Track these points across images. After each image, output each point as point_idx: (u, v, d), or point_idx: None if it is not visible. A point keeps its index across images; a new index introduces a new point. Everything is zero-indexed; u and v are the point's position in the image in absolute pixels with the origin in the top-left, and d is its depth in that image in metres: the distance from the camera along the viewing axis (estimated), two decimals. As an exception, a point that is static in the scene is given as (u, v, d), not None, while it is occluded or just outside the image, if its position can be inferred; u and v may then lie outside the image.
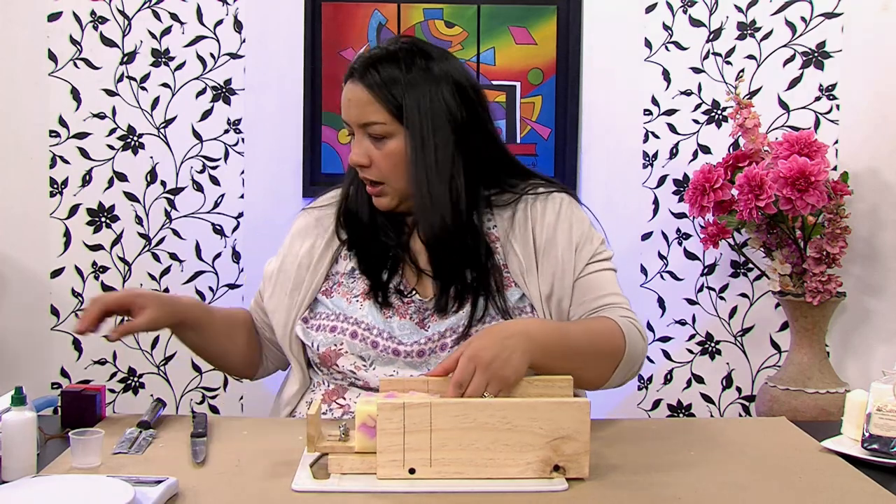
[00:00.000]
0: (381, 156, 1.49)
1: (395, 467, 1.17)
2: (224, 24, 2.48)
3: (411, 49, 1.52)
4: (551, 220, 1.55)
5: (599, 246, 1.58)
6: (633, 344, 1.46)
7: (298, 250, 1.61)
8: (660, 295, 2.51)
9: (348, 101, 1.51)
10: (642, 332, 1.50)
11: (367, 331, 1.49)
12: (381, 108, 1.48)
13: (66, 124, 2.48)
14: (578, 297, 1.53)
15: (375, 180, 1.51)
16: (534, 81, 2.50)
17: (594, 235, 1.59)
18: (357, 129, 1.50)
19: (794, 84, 2.45)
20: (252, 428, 1.44)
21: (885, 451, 1.29)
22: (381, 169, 1.50)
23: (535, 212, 1.56)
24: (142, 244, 2.51)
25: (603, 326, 1.46)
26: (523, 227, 1.55)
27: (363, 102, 1.48)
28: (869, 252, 2.42)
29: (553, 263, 1.53)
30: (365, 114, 1.48)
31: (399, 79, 1.48)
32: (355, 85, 1.50)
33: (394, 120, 1.48)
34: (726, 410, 2.53)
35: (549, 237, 1.54)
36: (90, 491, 1.10)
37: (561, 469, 1.18)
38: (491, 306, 1.49)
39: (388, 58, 1.50)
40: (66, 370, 2.51)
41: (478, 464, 1.17)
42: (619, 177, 2.50)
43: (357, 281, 1.55)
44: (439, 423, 1.17)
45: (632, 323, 1.48)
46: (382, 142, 1.49)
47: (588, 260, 1.55)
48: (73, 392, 1.46)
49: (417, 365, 1.48)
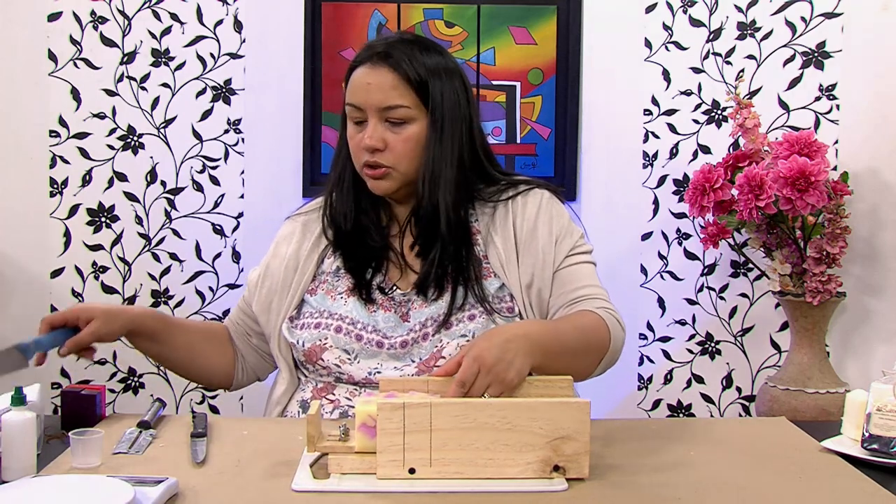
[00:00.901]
0: (399, 140, 1.50)
1: (394, 467, 1.17)
2: (224, 24, 2.48)
3: (423, 41, 1.56)
4: (532, 214, 1.58)
5: (579, 240, 1.61)
6: (615, 336, 1.49)
7: (285, 253, 1.64)
8: (660, 295, 2.51)
9: (368, 84, 1.50)
10: (622, 323, 1.52)
11: (352, 325, 1.52)
12: (407, 91, 1.49)
13: (66, 124, 2.48)
14: (557, 289, 1.56)
15: (385, 164, 1.51)
16: (534, 81, 2.50)
17: (574, 229, 1.61)
18: (374, 113, 1.50)
19: (794, 84, 2.45)
20: (252, 428, 1.44)
21: (885, 451, 1.29)
22: (396, 153, 1.51)
23: (515, 206, 1.59)
24: (142, 244, 2.51)
25: (589, 322, 1.48)
26: (504, 221, 1.58)
27: (387, 86, 1.49)
28: (869, 252, 2.42)
29: (534, 255, 1.56)
30: (389, 97, 1.49)
31: (425, 64, 1.50)
32: (377, 68, 1.49)
33: (418, 104, 1.50)
34: (726, 410, 2.53)
35: (529, 229, 1.57)
36: (90, 491, 1.10)
37: (561, 469, 1.18)
38: (470, 294, 1.52)
39: (409, 44, 1.52)
40: (66, 370, 2.51)
41: (478, 464, 1.17)
42: (619, 177, 2.50)
43: (341, 279, 1.57)
44: (439, 423, 1.17)
45: (612, 315, 1.51)
46: (401, 126, 1.50)
47: (567, 252, 1.58)
48: (73, 392, 1.46)
49: (401, 356, 1.50)
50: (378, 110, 1.50)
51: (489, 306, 1.51)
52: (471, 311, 1.51)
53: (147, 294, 2.52)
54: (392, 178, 1.53)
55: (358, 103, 1.51)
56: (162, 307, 2.52)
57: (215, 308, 2.52)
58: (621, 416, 2.47)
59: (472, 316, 1.51)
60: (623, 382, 2.52)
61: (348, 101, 1.53)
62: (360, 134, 1.52)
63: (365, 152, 1.51)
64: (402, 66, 1.49)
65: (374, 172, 1.52)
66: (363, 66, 1.51)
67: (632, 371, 2.53)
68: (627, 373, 2.52)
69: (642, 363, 2.53)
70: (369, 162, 1.52)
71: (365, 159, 1.52)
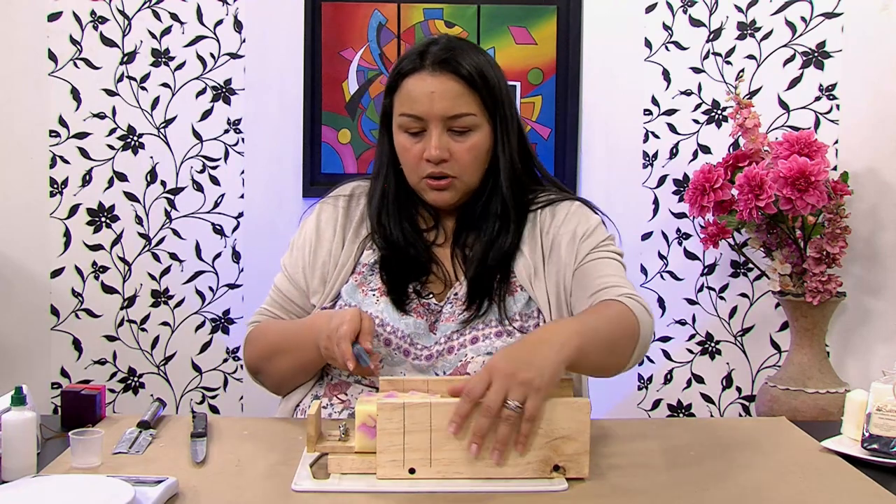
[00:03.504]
0: (464, 149, 1.46)
1: (394, 467, 1.17)
2: (224, 24, 2.48)
3: (469, 43, 1.52)
4: (558, 223, 1.54)
5: (606, 240, 1.53)
6: (643, 322, 1.39)
7: (331, 238, 1.57)
8: (660, 295, 2.51)
9: (430, 93, 1.43)
10: (648, 309, 1.42)
11: (381, 327, 1.47)
12: (474, 99, 1.45)
13: (66, 124, 2.48)
14: (578, 286, 1.48)
15: (451, 175, 1.47)
16: (534, 81, 2.50)
17: (600, 231, 1.54)
18: (437, 123, 1.45)
19: (794, 84, 2.45)
20: (252, 428, 1.44)
21: (885, 451, 1.29)
22: (462, 163, 1.46)
23: (543, 217, 1.55)
24: (142, 244, 2.51)
25: (614, 311, 1.38)
26: (531, 232, 1.54)
27: (454, 94, 1.44)
28: (869, 252, 2.42)
29: (556, 262, 1.51)
30: (456, 105, 1.44)
31: (482, 67, 1.46)
32: (442, 76, 1.44)
33: (483, 111, 1.46)
34: (726, 410, 2.53)
35: (554, 239, 1.52)
36: (90, 491, 1.10)
37: (561, 469, 1.18)
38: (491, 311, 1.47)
39: (464, 50, 1.48)
40: (66, 370, 2.51)
41: (477, 464, 1.17)
42: (619, 177, 2.50)
43: (377, 275, 1.52)
44: (439, 423, 1.17)
45: (636, 301, 1.41)
46: (466, 135, 1.46)
47: (590, 250, 1.50)
48: (73, 392, 1.46)
49: (424, 369, 1.46)
50: (443, 119, 1.44)
51: (510, 325, 1.45)
52: (497, 328, 1.46)
53: (147, 294, 2.52)
54: (455, 189, 1.49)
55: (420, 113, 1.44)
56: (162, 307, 2.52)
57: (215, 308, 2.52)
58: (621, 416, 2.47)
59: (500, 333, 1.46)
60: (623, 382, 2.51)
61: (406, 112, 1.46)
62: (420, 145, 1.46)
63: (427, 164, 1.46)
64: (465, 73, 1.44)
65: (439, 184, 1.47)
66: (420, 73, 1.45)
67: (632, 371, 2.51)
68: (627, 373, 2.51)
69: (642, 363, 2.52)
70: (434, 173, 1.46)
71: (430, 171, 1.47)
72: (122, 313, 2.52)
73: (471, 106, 1.45)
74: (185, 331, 2.53)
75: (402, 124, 1.48)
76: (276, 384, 1.56)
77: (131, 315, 2.52)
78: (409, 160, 1.48)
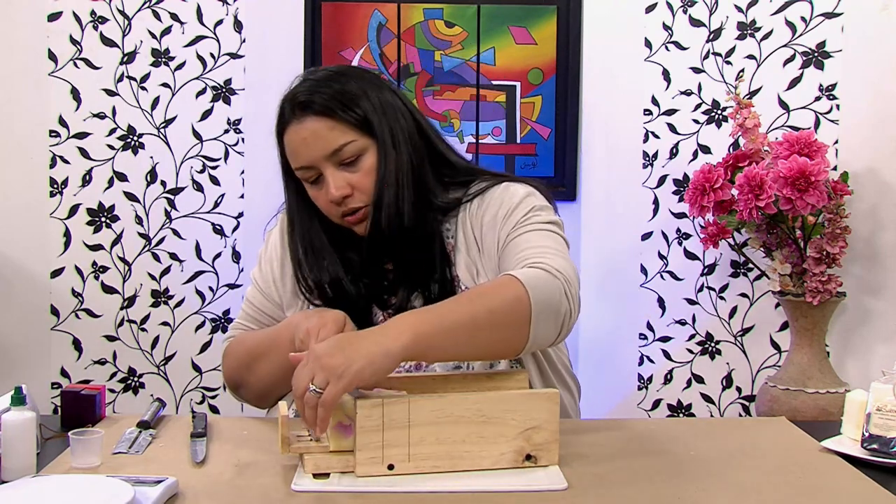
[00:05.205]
0: (361, 177, 1.42)
1: (373, 464, 1.18)
2: (224, 24, 2.48)
3: (329, 71, 1.48)
4: (482, 211, 1.47)
5: (531, 212, 1.43)
6: (538, 288, 1.25)
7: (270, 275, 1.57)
8: (660, 295, 2.51)
9: (303, 140, 1.41)
10: (554, 272, 1.29)
11: None
12: (346, 126, 1.41)
13: (66, 124, 2.48)
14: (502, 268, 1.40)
15: (361, 205, 1.43)
16: (534, 81, 2.50)
17: (525, 204, 1.44)
18: (326, 164, 1.41)
19: (794, 84, 2.45)
20: (252, 428, 1.44)
21: (885, 451, 1.29)
22: (365, 190, 1.42)
23: (472, 210, 1.49)
24: (142, 244, 2.51)
25: (490, 287, 1.29)
26: (464, 230, 1.49)
27: (324, 131, 1.40)
28: (869, 252, 2.42)
29: (489, 251, 1.46)
30: (331, 141, 1.40)
31: (347, 91, 1.42)
32: (305, 121, 1.41)
33: (362, 133, 1.42)
34: (726, 410, 2.53)
35: (482, 228, 1.47)
36: (90, 491, 1.10)
37: (532, 458, 1.21)
38: None
39: (319, 82, 1.44)
40: (66, 370, 2.51)
41: (454, 456, 1.19)
42: (619, 177, 2.50)
43: None
44: (417, 419, 1.18)
45: (535, 266, 1.30)
46: (357, 163, 1.42)
47: (512, 227, 1.42)
48: (72, 392, 1.46)
49: None
50: (327, 158, 1.41)
51: None
52: None
53: (147, 294, 2.52)
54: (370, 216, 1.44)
55: (306, 163, 1.42)
56: (162, 307, 2.52)
57: (215, 308, 2.52)
58: (621, 416, 2.47)
59: None
60: (623, 382, 2.52)
61: (297, 166, 1.44)
62: (323, 190, 1.43)
63: (335, 206, 1.43)
64: (322, 107, 1.41)
65: (355, 218, 1.44)
66: (290, 125, 1.43)
67: (632, 371, 2.53)
68: (627, 373, 2.52)
69: (642, 363, 2.53)
70: (345, 211, 1.44)
71: (341, 210, 1.44)
72: (122, 313, 2.52)
73: (346, 134, 1.41)
74: (185, 331, 2.53)
75: (301, 177, 1.47)
76: (258, 394, 1.53)
77: (131, 315, 2.52)
78: (322, 206, 1.46)
